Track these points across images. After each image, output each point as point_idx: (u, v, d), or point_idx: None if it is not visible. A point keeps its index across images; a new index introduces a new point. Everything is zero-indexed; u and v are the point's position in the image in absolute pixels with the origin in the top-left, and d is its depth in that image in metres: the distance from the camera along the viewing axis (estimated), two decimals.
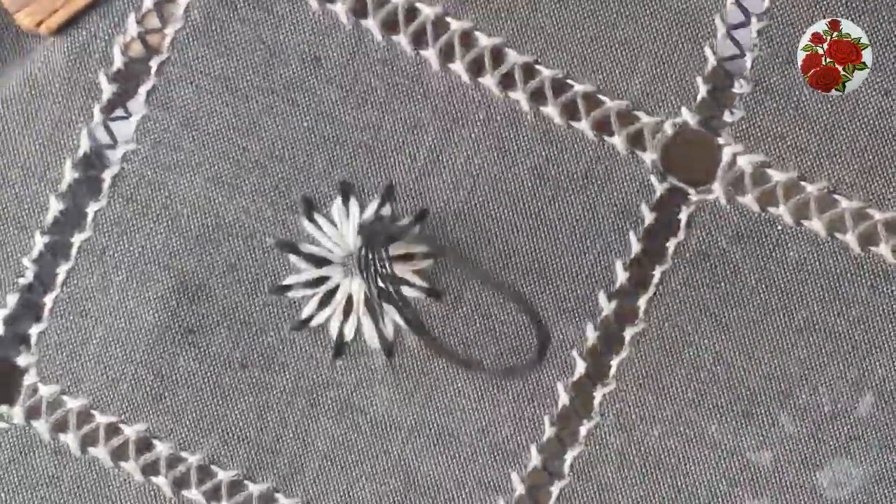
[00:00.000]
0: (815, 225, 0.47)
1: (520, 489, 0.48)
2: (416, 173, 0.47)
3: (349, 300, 0.47)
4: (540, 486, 0.48)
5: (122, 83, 0.47)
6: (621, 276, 0.47)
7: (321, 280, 0.47)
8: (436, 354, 0.46)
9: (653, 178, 0.47)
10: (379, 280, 0.44)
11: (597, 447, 0.48)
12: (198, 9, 0.47)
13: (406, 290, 0.47)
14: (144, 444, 0.47)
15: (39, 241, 0.47)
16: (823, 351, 0.47)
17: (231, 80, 0.47)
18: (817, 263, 0.47)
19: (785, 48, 0.47)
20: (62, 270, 0.47)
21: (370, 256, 0.44)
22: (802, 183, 0.47)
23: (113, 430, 0.47)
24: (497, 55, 0.47)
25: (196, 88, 0.47)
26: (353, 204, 0.47)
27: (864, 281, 0.47)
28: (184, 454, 0.47)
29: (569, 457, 0.48)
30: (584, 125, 0.47)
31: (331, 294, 0.47)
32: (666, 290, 0.47)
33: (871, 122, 0.47)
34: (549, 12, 0.47)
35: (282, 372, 0.47)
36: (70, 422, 0.47)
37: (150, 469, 0.47)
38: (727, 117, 0.47)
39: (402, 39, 0.47)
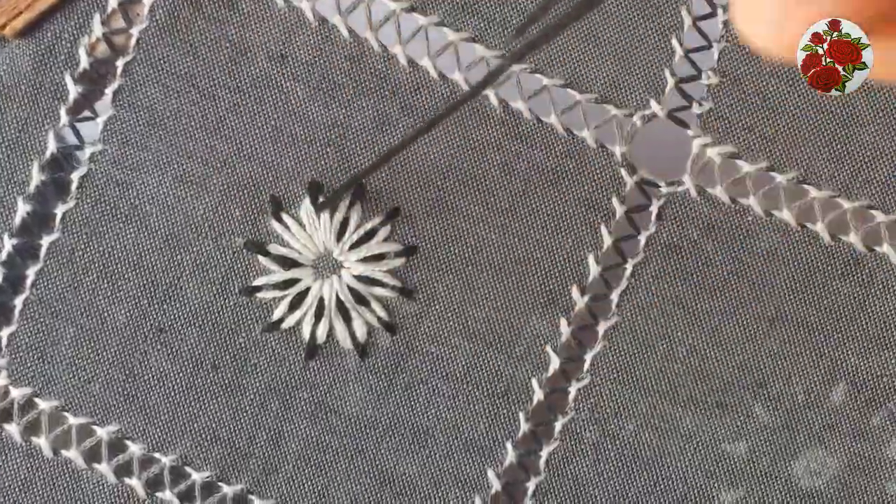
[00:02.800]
0: (786, 215, 0.47)
1: (496, 486, 0.48)
2: (386, 171, 0.47)
3: (321, 302, 0.47)
4: (516, 482, 0.48)
5: (88, 84, 0.47)
6: (593, 270, 0.47)
7: (292, 282, 0.47)
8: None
9: (623, 171, 0.47)
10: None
11: (572, 442, 0.48)
12: (163, 8, 0.47)
13: (377, 290, 0.47)
14: (117, 445, 0.47)
15: (8, 244, 0.47)
16: (796, 341, 0.47)
17: (197, 78, 0.47)
18: (788, 253, 0.47)
19: None
20: (31, 272, 0.47)
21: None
22: (772, 173, 0.47)
23: (85, 431, 0.47)
24: (465, 50, 0.47)
25: (162, 88, 0.47)
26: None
27: (834, 270, 0.47)
28: (157, 455, 0.47)
29: (544, 452, 0.48)
30: (553, 119, 0.47)
31: (302, 296, 0.47)
32: (638, 282, 0.47)
33: (839, 112, 0.47)
34: (515, 6, 0.47)
35: (254, 373, 0.47)
36: (42, 424, 0.47)
37: (123, 470, 0.47)
38: (696, 109, 0.47)
39: (370, 35, 0.47)
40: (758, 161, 0.47)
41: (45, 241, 0.47)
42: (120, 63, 0.47)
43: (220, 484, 0.47)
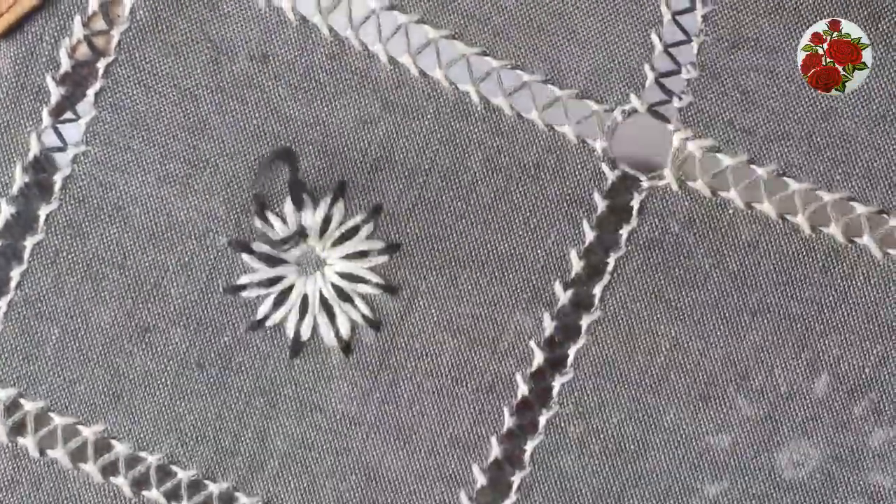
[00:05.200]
0: (766, 207, 0.47)
1: (481, 480, 0.48)
2: (368, 169, 0.47)
3: (304, 299, 0.47)
4: (501, 476, 0.48)
5: (70, 86, 0.47)
6: (576, 265, 0.48)
7: (276, 279, 0.47)
8: None
9: (604, 166, 0.48)
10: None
11: (556, 436, 0.48)
12: (144, 9, 0.47)
13: (361, 287, 0.47)
14: (103, 445, 0.47)
15: None
16: (778, 333, 0.47)
17: (179, 79, 0.47)
18: (769, 246, 0.47)
19: (730, 33, 0.47)
20: (15, 274, 0.47)
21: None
22: (752, 166, 0.47)
23: (71, 431, 0.47)
24: (445, 48, 0.48)
25: (144, 89, 0.47)
26: (306, 202, 0.47)
27: (815, 262, 0.47)
28: (143, 454, 0.47)
29: (529, 447, 0.48)
30: (534, 115, 0.48)
31: (286, 293, 0.47)
32: (621, 277, 0.48)
33: (818, 104, 0.47)
34: (495, 3, 0.47)
35: (239, 371, 0.47)
36: (28, 424, 0.47)
37: (109, 470, 0.47)
38: (676, 103, 0.47)
39: (350, 34, 0.47)
40: (738, 154, 0.47)
41: (29, 242, 0.47)
42: (101, 64, 0.47)
43: (206, 482, 0.47)
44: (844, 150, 0.47)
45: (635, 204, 0.47)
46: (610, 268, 0.48)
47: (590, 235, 0.48)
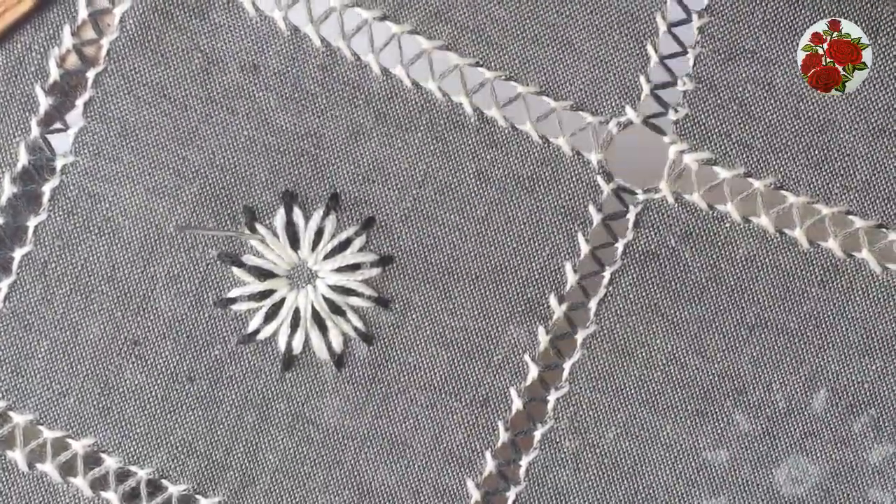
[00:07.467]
0: (763, 221, 0.47)
1: (476, 496, 0.47)
2: (361, 180, 0.47)
3: (296, 313, 0.47)
4: (496, 491, 0.47)
5: (59, 96, 0.47)
6: (571, 279, 0.47)
7: (267, 293, 0.47)
8: None
9: (599, 179, 0.47)
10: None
11: (552, 451, 0.47)
12: (133, 18, 0.46)
13: (353, 300, 0.47)
14: (93, 459, 0.47)
15: None
16: (776, 348, 0.47)
17: (169, 89, 0.46)
18: (767, 260, 0.47)
19: (727, 44, 0.47)
20: (4, 285, 0.47)
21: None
22: (749, 179, 0.47)
23: (60, 444, 0.47)
24: (438, 58, 0.47)
25: (134, 99, 0.46)
26: (297, 214, 0.47)
27: (813, 276, 0.47)
28: (133, 468, 0.47)
29: (524, 462, 0.47)
30: (528, 127, 0.47)
31: (277, 307, 0.47)
32: (616, 290, 0.47)
33: (815, 116, 0.47)
34: (489, 14, 0.47)
35: (230, 385, 0.47)
36: (17, 438, 0.47)
37: (99, 484, 0.47)
38: (671, 115, 0.47)
39: (342, 45, 0.47)
40: (735, 167, 0.47)
41: (18, 253, 0.47)
42: (91, 74, 0.47)
43: (197, 497, 0.47)
44: (843, 164, 0.47)
45: (631, 217, 0.47)
46: (605, 281, 0.47)
47: (585, 248, 0.47)
